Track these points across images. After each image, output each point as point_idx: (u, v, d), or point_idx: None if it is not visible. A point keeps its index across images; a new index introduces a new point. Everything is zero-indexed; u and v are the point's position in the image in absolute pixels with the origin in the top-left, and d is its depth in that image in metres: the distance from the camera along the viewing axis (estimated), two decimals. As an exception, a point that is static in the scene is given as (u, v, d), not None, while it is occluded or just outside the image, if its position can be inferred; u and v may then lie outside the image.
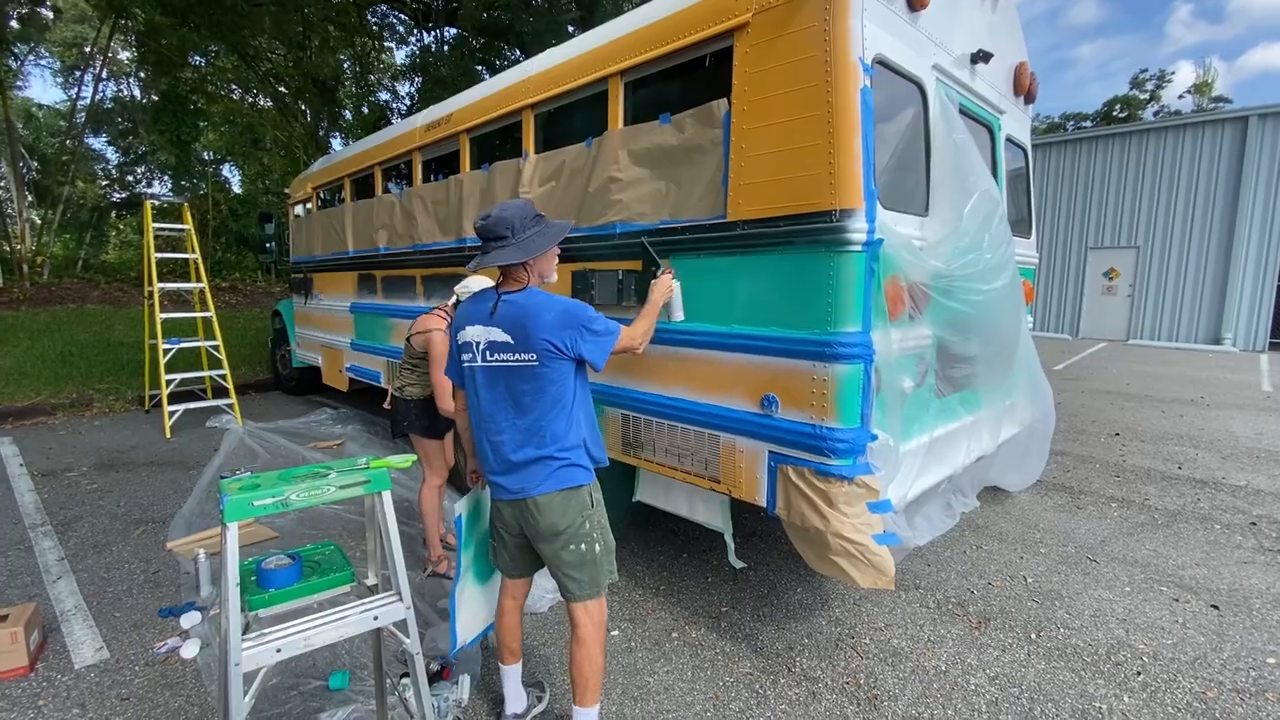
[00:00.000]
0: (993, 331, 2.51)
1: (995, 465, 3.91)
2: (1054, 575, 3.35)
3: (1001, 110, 3.22)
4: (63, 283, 11.91)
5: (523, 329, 1.80)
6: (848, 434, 2.18)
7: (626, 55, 2.82)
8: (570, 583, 1.92)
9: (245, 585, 1.52)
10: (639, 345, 2.08)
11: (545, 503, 1.85)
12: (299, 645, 1.34)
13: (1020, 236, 3.60)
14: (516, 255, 1.83)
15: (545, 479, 1.85)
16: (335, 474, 1.45)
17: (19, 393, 6.90)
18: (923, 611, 3.00)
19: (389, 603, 1.51)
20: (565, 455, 1.86)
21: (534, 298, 1.85)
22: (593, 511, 1.93)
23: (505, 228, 1.84)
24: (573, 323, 1.82)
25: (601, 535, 1.95)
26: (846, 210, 2.09)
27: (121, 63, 20.26)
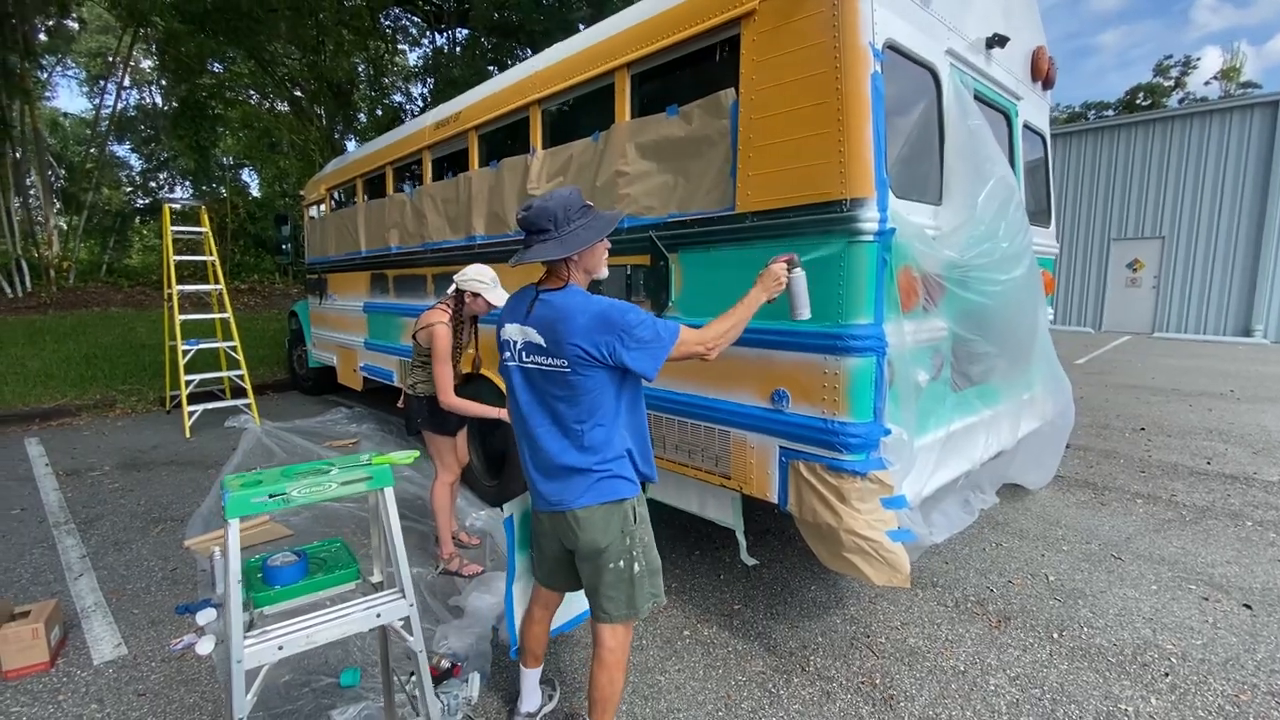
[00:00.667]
0: (1010, 323, 2.44)
1: (1015, 462, 3.83)
2: (1077, 573, 3.26)
3: (1019, 96, 3.13)
4: (87, 287, 12.18)
5: (554, 332, 1.65)
6: (860, 428, 2.13)
7: (632, 48, 2.79)
8: (606, 602, 1.78)
9: (251, 582, 1.52)
10: (711, 349, 1.76)
11: (585, 517, 1.72)
12: (301, 643, 1.34)
13: (1039, 226, 3.51)
14: (557, 250, 1.67)
15: (585, 491, 1.71)
16: (337, 470, 1.45)
17: (45, 394, 7.05)
18: (940, 610, 2.93)
19: (392, 600, 1.50)
20: (606, 467, 1.72)
21: (571, 298, 1.68)
22: (635, 528, 1.78)
23: (548, 219, 1.67)
24: (609, 328, 1.62)
25: (644, 554, 1.80)
26: (858, 199, 2.04)
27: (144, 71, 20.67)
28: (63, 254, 12.41)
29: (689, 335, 1.74)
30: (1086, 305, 15.23)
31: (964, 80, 2.56)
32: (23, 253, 11.48)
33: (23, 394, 6.98)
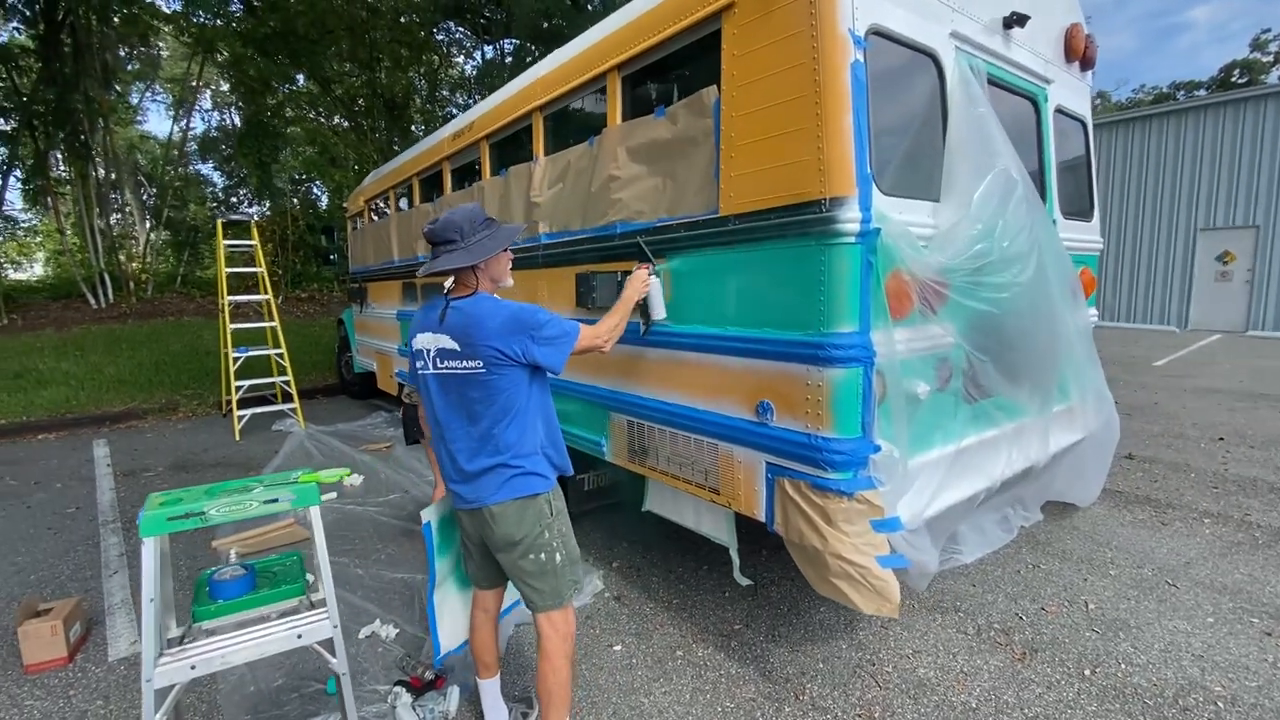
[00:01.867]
0: (1025, 330, 2.22)
1: (1057, 477, 3.52)
2: (1122, 601, 2.96)
3: (1048, 79, 2.87)
4: (164, 297, 13.11)
5: (468, 336, 1.76)
6: (846, 444, 1.98)
7: (623, 48, 2.71)
8: (531, 593, 1.88)
9: (198, 596, 1.53)
10: (604, 343, 2.02)
11: (500, 512, 1.81)
12: (216, 663, 1.33)
13: (1077, 219, 3.21)
14: (464, 259, 1.79)
15: (499, 488, 1.80)
16: (261, 489, 1.44)
17: (117, 398, 7.60)
18: (959, 638, 2.71)
19: (316, 621, 1.47)
20: (519, 463, 1.81)
21: (480, 304, 1.81)
22: (552, 520, 1.88)
23: (454, 231, 1.81)
24: (520, 329, 1.77)
25: (563, 544, 1.90)
26: (837, 198, 1.90)
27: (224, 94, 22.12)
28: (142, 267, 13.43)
29: (586, 331, 1.94)
30: (1170, 302, 14.05)
31: (975, 65, 2.35)
32: (106, 266, 12.46)
33: (97, 398, 7.54)
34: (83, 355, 9.10)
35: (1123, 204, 14.43)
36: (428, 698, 2.32)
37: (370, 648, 2.75)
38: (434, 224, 1.84)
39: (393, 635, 2.82)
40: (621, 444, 2.96)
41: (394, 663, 2.62)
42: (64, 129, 11.35)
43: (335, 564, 3.56)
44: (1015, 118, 2.78)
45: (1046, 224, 2.53)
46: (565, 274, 3.13)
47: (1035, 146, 2.88)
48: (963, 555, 3.03)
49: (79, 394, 7.61)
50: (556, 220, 3.26)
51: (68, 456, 5.94)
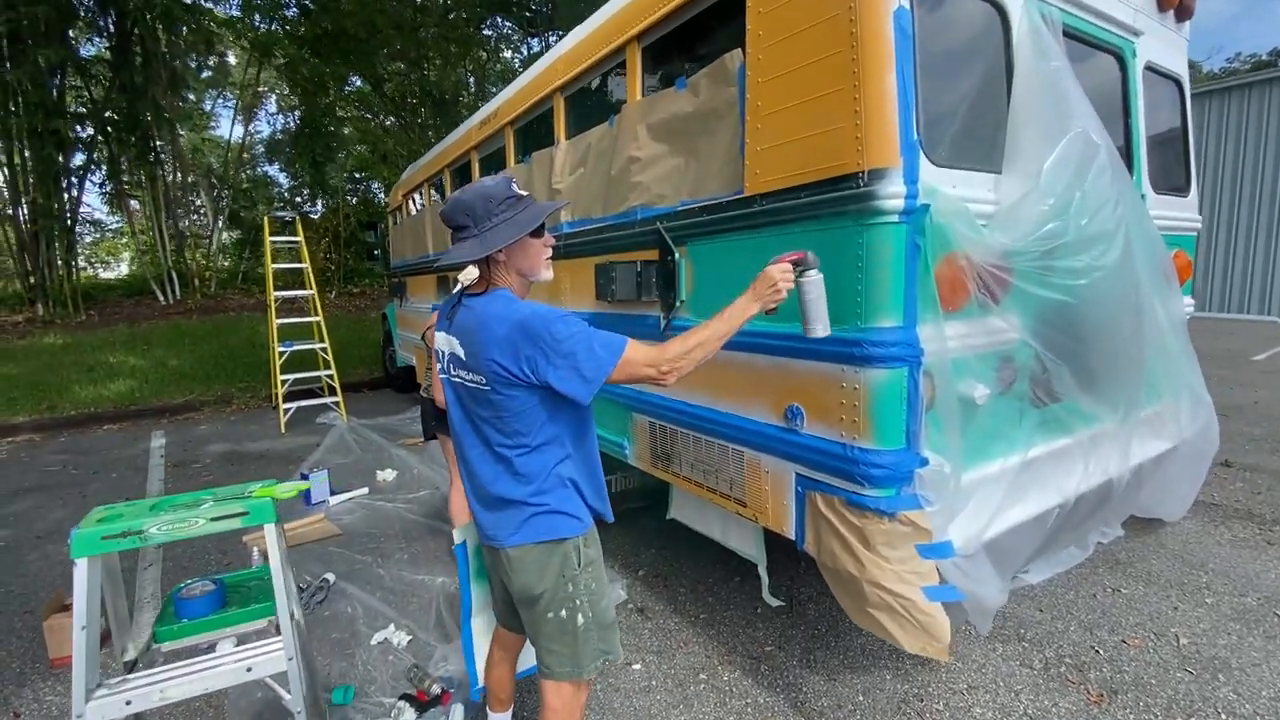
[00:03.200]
0: (1106, 324, 1.88)
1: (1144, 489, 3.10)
2: (1220, 636, 2.55)
3: (1137, 31, 2.47)
4: (226, 293, 13.73)
5: (473, 343, 1.43)
6: (886, 457, 1.71)
7: (641, 16, 2.48)
8: (546, 655, 1.55)
9: (163, 614, 1.42)
10: (666, 373, 1.43)
11: (518, 557, 1.49)
12: (153, 698, 1.21)
13: (1173, 195, 2.79)
14: (474, 250, 1.44)
15: (518, 527, 1.48)
16: (210, 504, 1.30)
17: (178, 391, 7.92)
18: (1023, 673, 2.39)
19: (270, 651, 1.33)
20: (542, 500, 1.47)
21: (491, 304, 1.45)
22: (579, 573, 1.52)
23: (465, 214, 1.46)
24: (531, 339, 1.36)
25: (590, 604, 1.54)
26: (877, 170, 1.62)
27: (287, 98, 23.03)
28: (206, 264, 14.11)
29: (637, 354, 1.42)
30: (1272, 290, 12.72)
31: (1048, 14, 2.01)
32: (174, 264, 13.12)
33: (159, 391, 7.87)
34: (149, 349, 9.57)
35: (1216, 181, 13.14)
36: (429, 715, 2.19)
37: (381, 655, 2.65)
38: (445, 205, 1.51)
39: (405, 643, 2.72)
40: (644, 447, 2.76)
41: (403, 673, 2.51)
42: (134, 135, 11.97)
43: (358, 563, 3.51)
44: (1096, 76, 2.41)
45: (1134, 198, 2.16)
46: (585, 265, 2.93)
47: (1121, 109, 2.49)
48: (1028, 575, 2.69)
49: (143, 387, 7.96)
50: (578, 207, 3.07)
51: (127, 447, 6.19)
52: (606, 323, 2.83)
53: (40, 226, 11.30)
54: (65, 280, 11.99)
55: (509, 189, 1.49)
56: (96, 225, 23.32)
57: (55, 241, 11.60)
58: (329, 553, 3.66)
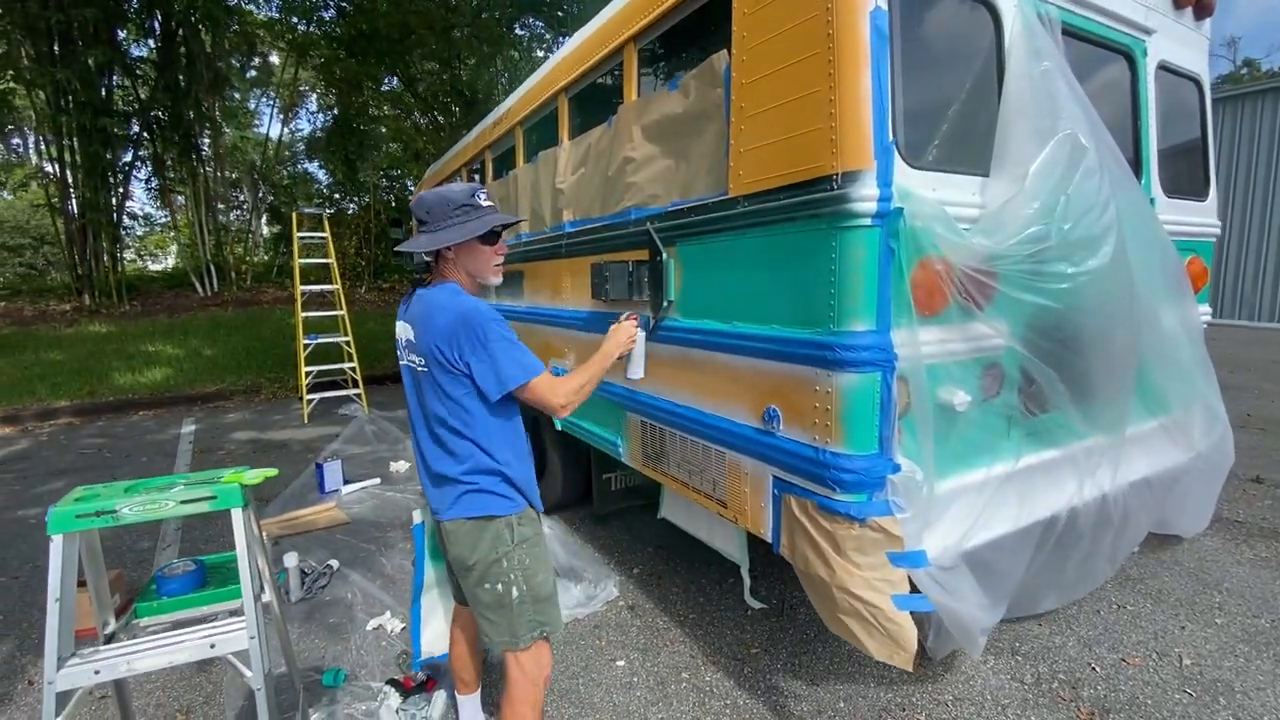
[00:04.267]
0: (1099, 331, 1.82)
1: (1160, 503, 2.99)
2: (1227, 658, 2.46)
3: (1148, 29, 2.38)
4: (261, 286, 14.17)
5: (422, 328, 1.61)
6: (857, 462, 1.70)
7: (637, 17, 2.50)
8: (486, 625, 1.69)
9: (145, 591, 1.49)
10: (562, 406, 1.65)
11: (453, 530, 1.64)
12: (120, 669, 1.27)
13: (1186, 199, 2.69)
14: (423, 244, 1.63)
15: (453, 502, 1.63)
16: (181, 488, 1.37)
17: (210, 379, 8.22)
18: (1013, 687, 2.34)
19: (232, 630, 1.39)
20: (473, 480, 1.62)
21: (438, 295, 1.63)
22: (512, 549, 1.65)
23: (424, 211, 1.65)
24: (466, 329, 1.53)
25: (525, 578, 1.66)
26: (850, 173, 1.61)
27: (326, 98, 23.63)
28: (242, 257, 14.58)
29: (543, 383, 1.61)
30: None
31: (1044, 13, 1.96)
32: (212, 258, 13.60)
33: (193, 379, 8.18)
34: (186, 339, 9.94)
35: (1269, 184, 12.55)
36: (412, 701, 2.25)
37: (375, 641, 2.73)
38: (413, 199, 1.73)
39: (398, 630, 2.79)
40: (636, 446, 2.77)
41: (393, 659, 2.58)
42: (178, 133, 12.45)
43: (362, 550, 3.61)
44: (1104, 76, 2.34)
45: (1136, 202, 2.09)
46: (583, 264, 2.96)
47: (1130, 111, 2.41)
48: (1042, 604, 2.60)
49: (178, 375, 8.28)
50: (579, 207, 3.10)
51: (159, 433, 6.46)
52: (601, 321, 2.86)
53: (88, 220, 11.83)
54: (111, 272, 12.53)
55: (469, 198, 1.63)
56: (146, 219, 24.27)
57: (102, 234, 12.13)
58: (336, 539, 3.77)
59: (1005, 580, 2.00)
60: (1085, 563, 2.33)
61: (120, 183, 12.96)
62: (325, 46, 12.45)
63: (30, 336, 10.13)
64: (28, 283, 16.48)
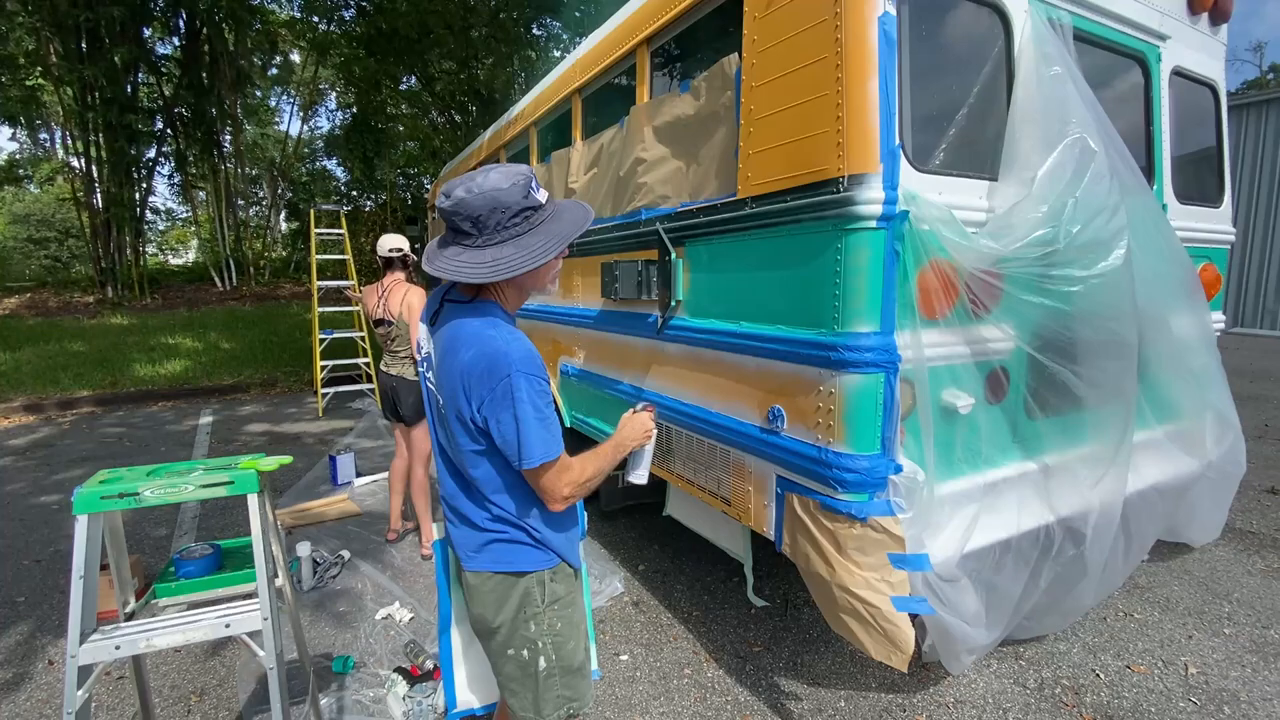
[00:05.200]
0: (1101, 335, 1.82)
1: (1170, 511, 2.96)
2: (1234, 668, 2.44)
3: (1163, 35, 2.37)
4: (279, 281, 14.40)
5: (442, 358, 1.30)
6: (860, 462, 1.72)
7: (650, 20, 2.53)
8: (508, 695, 1.41)
9: (164, 572, 1.54)
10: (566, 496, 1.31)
11: (475, 584, 1.35)
12: (140, 645, 1.32)
13: (1199, 205, 2.67)
14: (471, 270, 1.23)
15: (477, 550, 1.34)
16: (200, 472, 1.42)
17: (228, 372, 8.36)
18: (1015, 691, 2.34)
19: (246, 611, 1.43)
20: (501, 529, 1.33)
21: (469, 325, 1.27)
22: (541, 611, 1.35)
23: (469, 220, 1.22)
24: (490, 381, 1.21)
25: (555, 646, 1.37)
26: (856, 176, 1.63)
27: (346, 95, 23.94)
28: (260, 252, 14.84)
29: (556, 468, 1.28)
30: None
31: (1055, 18, 1.96)
32: (231, 253, 13.85)
33: (211, 372, 8.33)
34: (205, 332, 10.12)
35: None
36: (419, 688, 2.30)
37: (384, 630, 2.78)
38: (445, 198, 1.23)
39: (406, 619, 2.84)
40: (642, 443, 2.80)
41: (401, 648, 2.63)
42: (200, 130, 12.70)
43: (373, 541, 3.67)
44: (1117, 81, 2.33)
45: (1147, 208, 2.09)
46: (594, 263, 3.00)
47: (1143, 117, 2.41)
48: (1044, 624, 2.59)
49: (196, 367, 8.44)
50: (592, 206, 3.13)
51: (177, 423, 6.59)
52: (610, 320, 2.89)
53: (112, 214, 12.09)
54: (133, 265, 12.79)
55: (526, 195, 1.24)
56: (168, 214, 24.72)
57: (125, 229, 12.38)
58: (348, 530, 3.84)
59: (1005, 601, 2.00)
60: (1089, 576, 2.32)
61: (144, 178, 13.24)
62: (345, 45, 12.63)
63: (54, 327, 10.37)
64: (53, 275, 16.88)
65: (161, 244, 28.88)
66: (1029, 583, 2.05)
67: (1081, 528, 2.07)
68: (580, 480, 1.33)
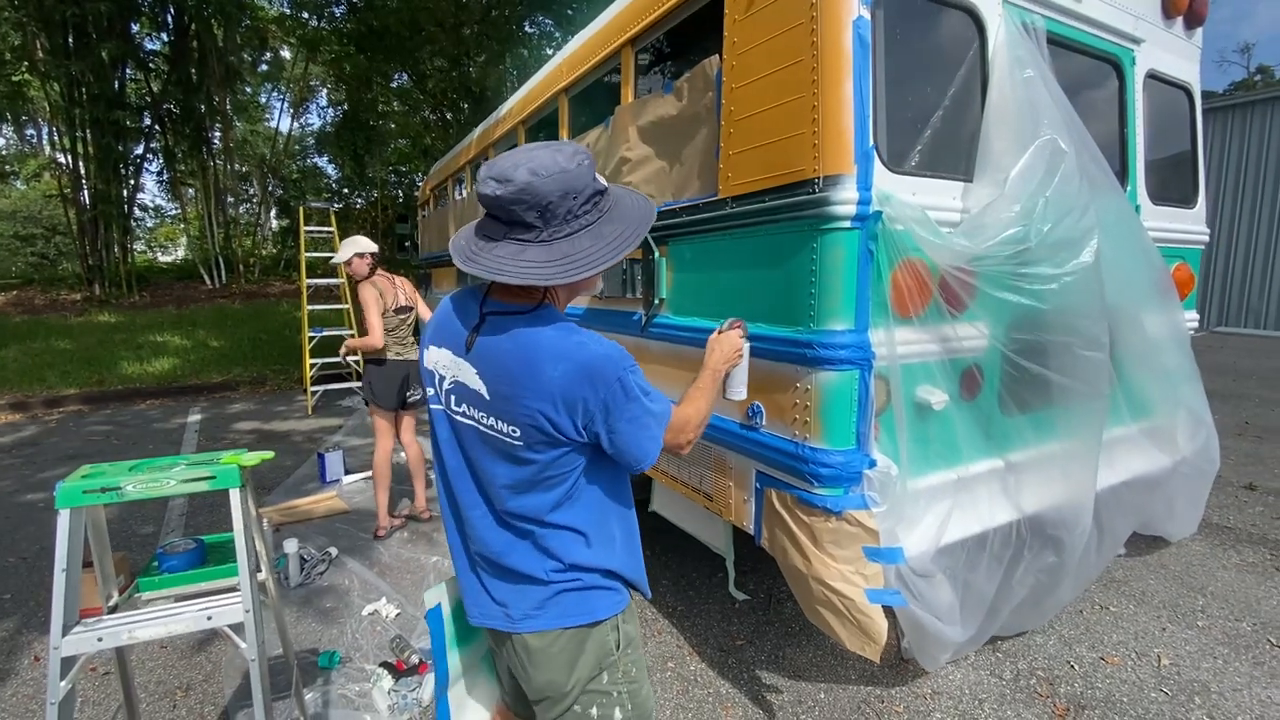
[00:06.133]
0: (1077, 332, 1.86)
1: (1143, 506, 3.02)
2: (1205, 660, 2.50)
3: (1137, 39, 2.42)
4: (269, 279, 14.34)
5: (509, 380, 1.06)
6: (835, 456, 1.75)
7: (634, 20, 2.55)
8: None
9: (147, 566, 1.56)
10: (688, 440, 1.25)
11: (540, 648, 1.15)
12: (122, 636, 1.34)
13: (1172, 206, 2.72)
14: (542, 271, 1.02)
15: (539, 606, 1.15)
16: (182, 467, 1.43)
17: (217, 370, 8.33)
18: (991, 683, 2.39)
19: (228, 604, 1.45)
20: (574, 577, 1.15)
21: (542, 333, 1.07)
22: (617, 658, 1.20)
23: (534, 210, 1.01)
24: (597, 386, 1.05)
25: (630, 695, 1.21)
26: (831, 177, 1.66)
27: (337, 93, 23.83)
28: (250, 250, 14.77)
29: (675, 419, 1.20)
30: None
31: (1029, 22, 2.00)
32: (220, 250, 13.78)
33: (199, 369, 8.29)
34: (193, 330, 10.07)
35: (1277, 192, 12.49)
36: (404, 682, 2.32)
37: (370, 625, 2.80)
38: (502, 183, 0.99)
39: (393, 615, 2.86)
40: (628, 440, 2.83)
41: (387, 643, 2.64)
42: (188, 127, 12.63)
43: (360, 538, 3.68)
44: (1091, 84, 2.38)
45: (1119, 208, 2.14)
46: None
47: (1117, 119, 2.45)
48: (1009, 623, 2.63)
49: (185, 365, 8.40)
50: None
51: (165, 421, 6.56)
52: (597, 318, 2.92)
53: (99, 211, 12.00)
54: (121, 263, 12.70)
55: (595, 177, 1.06)
56: (157, 211, 24.54)
57: (113, 226, 12.29)
58: (335, 527, 3.85)
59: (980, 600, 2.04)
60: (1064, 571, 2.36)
61: (131, 175, 13.14)
62: (335, 42, 12.59)
63: (40, 325, 10.28)
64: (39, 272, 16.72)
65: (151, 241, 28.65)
66: (1003, 582, 2.09)
67: (1055, 523, 2.12)
68: (699, 424, 1.27)
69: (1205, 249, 2.90)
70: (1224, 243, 12.24)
